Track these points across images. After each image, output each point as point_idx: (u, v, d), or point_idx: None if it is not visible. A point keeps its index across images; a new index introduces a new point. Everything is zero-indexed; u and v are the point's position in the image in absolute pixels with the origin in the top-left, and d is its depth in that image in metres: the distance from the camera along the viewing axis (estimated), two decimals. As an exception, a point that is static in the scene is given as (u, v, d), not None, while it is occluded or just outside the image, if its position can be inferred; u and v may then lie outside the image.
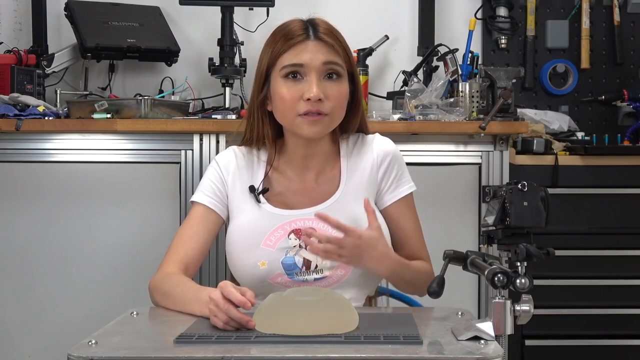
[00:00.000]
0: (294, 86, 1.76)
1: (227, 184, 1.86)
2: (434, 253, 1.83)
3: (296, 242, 1.77)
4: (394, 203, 1.88)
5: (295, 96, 1.75)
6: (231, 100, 3.17)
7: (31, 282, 2.79)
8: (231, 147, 1.92)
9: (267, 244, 1.77)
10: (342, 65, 1.78)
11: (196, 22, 3.37)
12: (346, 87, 1.80)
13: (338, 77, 1.78)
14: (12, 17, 3.36)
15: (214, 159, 1.92)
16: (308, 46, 1.76)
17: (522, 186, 1.49)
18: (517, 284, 1.39)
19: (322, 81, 1.76)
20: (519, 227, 1.48)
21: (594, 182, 2.92)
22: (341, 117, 1.82)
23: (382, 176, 1.87)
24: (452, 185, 2.84)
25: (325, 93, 1.75)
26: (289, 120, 1.79)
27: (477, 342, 1.33)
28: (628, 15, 3.46)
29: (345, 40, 1.82)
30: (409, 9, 3.43)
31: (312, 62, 1.75)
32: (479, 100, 2.93)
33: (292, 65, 1.76)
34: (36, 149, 2.79)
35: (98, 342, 1.33)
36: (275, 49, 1.78)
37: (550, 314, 2.89)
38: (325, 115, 1.76)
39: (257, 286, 1.78)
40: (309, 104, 1.74)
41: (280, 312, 1.42)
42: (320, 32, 1.78)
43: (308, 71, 1.75)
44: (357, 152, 1.88)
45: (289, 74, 1.76)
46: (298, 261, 1.77)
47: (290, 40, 1.77)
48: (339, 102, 1.78)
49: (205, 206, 1.85)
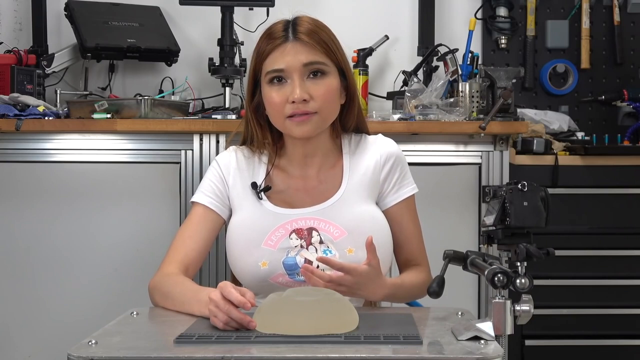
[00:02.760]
0: (280, 90, 1.78)
1: (227, 183, 1.87)
2: (434, 253, 1.83)
3: (297, 242, 1.78)
4: (396, 205, 1.88)
5: (282, 100, 1.77)
6: (231, 100, 3.17)
7: (31, 282, 2.79)
8: (232, 148, 1.93)
9: (268, 243, 1.77)
10: (324, 62, 1.78)
11: (196, 22, 3.37)
12: (333, 82, 1.79)
13: (323, 74, 1.78)
14: (12, 17, 3.36)
15: (214, 159, 1.93)
16: (286, 49, 1.77)
17: (522, 186, 1.49)
18: (517, 284, 1.39)
19: (305, 81, 1.77)
20: (519, 227, 1.48)
21: (594, 182, 2.92)
22: (333, 112, 1.82)
23: (385, 177, 1.87)
24: (452, 185, 2.84)
25: (310, 93, 1.76)
26: (279, 124, 1.81)
27: (477, 342, 1.33)
28: (628, 15, 3.46)
29: (331, 35, 1.81)
30: (409, 9, 3.43)
31: (292, 65, 1.76)
32: (479, 100, 2.93)
33: (275, 71, 1.78)
34: (36, 149, 2.79)
35: (98, 342, 1.33)
36: (259, 52, 1.81)
37: (550, 314, 2.89)
38: (313, 114, 1.76)
39: (258, 285, 1.79)
40: (295, 106, 1.75)
41: (280, 312, 1.42)
42: (300, 32, 1.78)
43: (290, 74, 1.76)
44: (360, 150, 1.88)
45: (273, 78, 1.78)
46: (299, 261, 1.77)
47: (270, 43, 1.79)
48: (326, 99, 1.78)
49: (205, 206, 1.86)
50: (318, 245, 1.77)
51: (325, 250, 1.77)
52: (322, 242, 1.78)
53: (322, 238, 1.78)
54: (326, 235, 1.79)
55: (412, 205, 1.91)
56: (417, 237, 1.91)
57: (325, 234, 1.79)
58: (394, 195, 1.88)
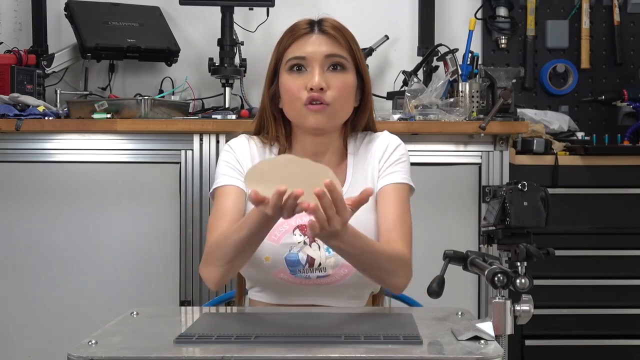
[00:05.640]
0: (299, 77, 1.78)
1: (242, 165, 1.82)
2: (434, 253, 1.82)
3: (301, 239, 1.77)
4: (385, 187, 1.82)
5: (299, 87, 1.76)
6: (231, 100, 3.17)
7: (31, 282, 2.80)
8: (243, 135, 1.89)
9: (271, 238, 1.75)
10: (346, 57, 1.79)
11: (196, 22, 3.37)
12: (351, 78, 1.80)
13: (342, 68, 1.79)
14: (12, 17, 3.36)
15: (226, 144, 1.87)
16: (311, 38, 1.78)
17: (522, 186, 1.49)
18: (517, 284, 1.39)
19: (325, 72, 1.77)
20: (519, 227, 1.48)
21: (594, 182, 2.92)
22: (346, 108, 1.82)
23: (381, 157, 1.84)
24: (452, 185, 2.84)
25: (328, 83, 1.76)
26: (295, 111, 1.79)
27: (477, 342, 1.33)
28: (628, 15, 3.47)
29: (354, 38, 1.83)
30: (409, 9, 3.44)
31: (314, 54, 1.77)
32: (479, 100, 2.93)
33: (296, 58, 1.78)
34: (36, 149, 2.79)
35: (98, 342, 1.33)
36: (282, 44, 1.81)
37: (550, 314, 2.89)
38: (327, 105, 1.76)
39: (259, 279, 1.79)
40: (311, 93, 1.75)
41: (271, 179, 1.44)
42: (325, 26, 1.80)
43: (311, 63, 1.77)
44: (364, 149, 1.87)
45: (294, 66, 1.78)
46: (302, 258, 1.76)
47: (294, 34, 1.80)
48: (342, 92, 1.78)
49: (231, 186, 1.79)
50: (321, 242, 1.77)
51: (328, 248, 1.76)
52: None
53: None
54: None
55: (401, 194, 1.82)
56: (400, 225, 1.78)
57: None
58: (384, 178, 1.83)
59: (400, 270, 1.71)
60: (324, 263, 1.76)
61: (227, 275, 1.70)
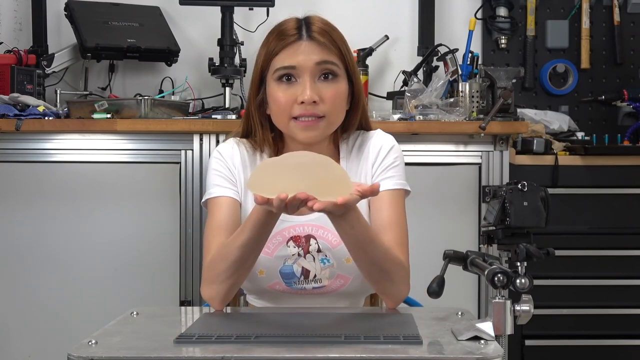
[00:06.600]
0: (288, 89, 1.70)
1: (233, 173, 1.78)
2: (434, 253, 1.81)
3: (295, 250, 1.73)
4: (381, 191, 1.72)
5: (289, 99, 1.69)
6: (231, 100, 3.17)
7: (31, 282, 2.80)
8: (231, 140, 1.83)
9: (265, 251, 1.70)
10: (337, 64, 1.72)
11: (196, 22, 3.37)
12: (343, 86, 1.73)
13: (334, 77, 1.71)
14: (12, 17, 3.36)
15: (215, 150, 1.82)
16: (301, 47, 1.70)
17: (522, 186, 1.49)
18: (517, 284, 1.39)
19: (316, 82, 1.70)
20: (519, 227, 1.48)
21: (594, 182, 2.92)
22: (339, 118, 1.76)
23: (374, 161, 1.78)
24: (452, 185, 2.84)
25: (320, 95, 1.69)
26: (284, 124, 1.73)
27: (477, 342, 1.33)
28: (628, 15, 3.47)
29: (343, 38, 1.76)
30: (409, 9, 3.44)
31: (305, 63, 1.69)
32: (479, 100, 2.93)
33: (285, 68, 1.70)
34: (36, 149, 2.79)
35: (98, 342, 1.33)
36: (269, 49, 1.73)
37: (550, 314, 2.89)
38: (321, 119, 1.70)
39: (255, 290, 1.78)
40: (303, 107, 1.68)
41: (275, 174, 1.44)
42: (314, 31, 1.71)
43: (301, 73, 1.69)
44: (356, 152, 1.81)
45: (283, 76, 1.70)
46: (297, 270, 1.73)
47: (282, 40, 1.71)
48: (335, 103, 1.71)
49: (221, 197, 1.76)
50: (316, 254, 1.73)
51: (323, 259, 1.74)
52: (320, 251, 1.73)
53: (320, 246, 1.74)
54: (324, 243, 1.74)
55: (397, 198, 1.77)
56: (395, 230, 1.73)
57: (323, 242, 1.74)
58: (380, 183, 1.72)
59: (399, 278, 1.67)
60: (319, 274, 1.74)
61: (232, 290, 1.66)
